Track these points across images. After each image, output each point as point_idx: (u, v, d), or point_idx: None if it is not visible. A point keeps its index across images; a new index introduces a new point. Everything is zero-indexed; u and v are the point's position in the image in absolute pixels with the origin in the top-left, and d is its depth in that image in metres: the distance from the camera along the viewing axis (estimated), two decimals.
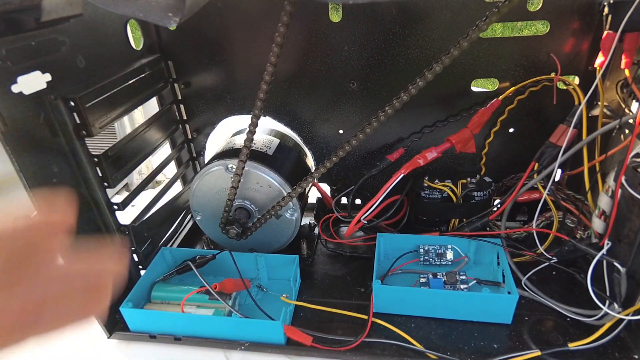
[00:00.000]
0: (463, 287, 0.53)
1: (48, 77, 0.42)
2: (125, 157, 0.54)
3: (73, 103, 0.43)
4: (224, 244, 0.63)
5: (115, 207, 0.52)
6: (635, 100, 0.49)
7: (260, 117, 0.48)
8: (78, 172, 0.47)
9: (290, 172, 0.59)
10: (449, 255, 0.57)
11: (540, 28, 0.51)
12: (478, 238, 0.56)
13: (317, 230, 0.68)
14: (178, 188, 0.72)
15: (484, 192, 0.58)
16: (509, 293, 0.49)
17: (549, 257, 0.52)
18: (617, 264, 0.43)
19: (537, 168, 0.54)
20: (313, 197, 0.72)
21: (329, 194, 0.71)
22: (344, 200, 0.71)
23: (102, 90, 0.48)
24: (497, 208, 0.58)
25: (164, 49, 0.62)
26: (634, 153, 0.43)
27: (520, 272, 0.55)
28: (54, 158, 0.44)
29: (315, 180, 0.68)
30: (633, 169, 0.43)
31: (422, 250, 0.58)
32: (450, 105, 0.59)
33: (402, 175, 0.55)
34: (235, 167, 0.52)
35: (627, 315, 0.43)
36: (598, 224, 0.48)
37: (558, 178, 0.62)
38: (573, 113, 0.51)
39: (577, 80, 0.55)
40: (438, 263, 0.58)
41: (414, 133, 0.62)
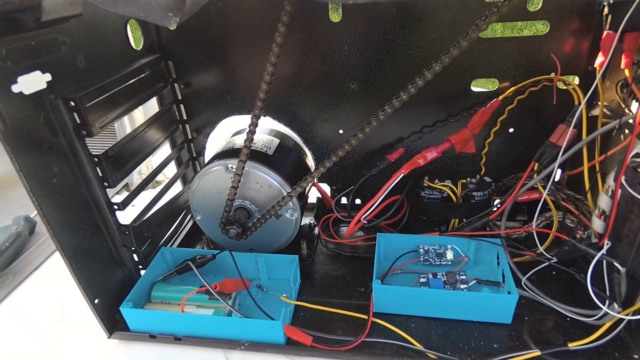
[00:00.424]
0: (463, 287, 0.53)
1: (48, 77, 0.42)
2: (126, 157, 0.54)
3: (73, 103, 0.43)
4: (224, 244, 0.63)
5: (116, 207, 0.52)
6: (635, 100, 0.49)
7: (260, 117, 0.48)
8: (78, 172, 0.47)
9: (290, 172, 0.59)
10: (449, 255, 0.57)
11: (540, 28, 0.51)
12: (478, 238, 0.56)
13: (317, 230, 0.68)
14: (178, 188, 0.72)
15: (484, 192, 0.58)
16: (509, 293, 0.49)
17: (549, 257, 0.52)
18: (617, 264, 0.43)
19: (537, 168, 0.54)
20: (313, 197, 0.72)
21: (329, 194, 0.71)
22: (344, 200, 0.71)
23: (102, 90, 0.48)
24: (497, 208, 0.58)
25: (164, 49, 0.62)
26: (634, 153, 0.43)
27: (520, 272, 0.55)
28: (54, 158, 0.44)
29: (315, 180, 0.68)
30: (633, 169, 0.43)
31: (422, 250, 0.58)
32: (450, 105, 0.59)
33: (402, 175, 0.55)
34: (236, 167, 0.52)
35: (627, 315, 0.43)
36: (598, 224, 0.48)
37: (558, 178, 0.62)
38: (573, 113, 0.51)
39: (577, 80, 0.55)
40: (438, 263, 0.58)
41: (414, 133, 0.62)
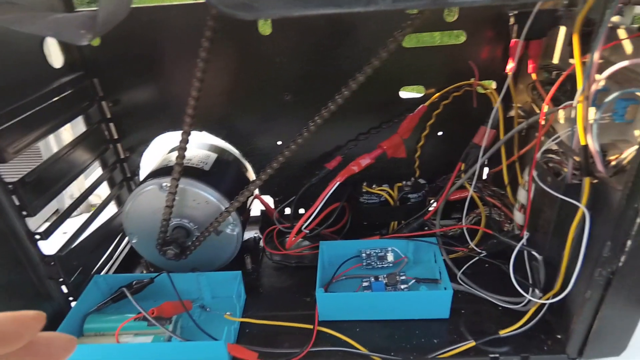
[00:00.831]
0: (403, 287, 0.55)
1: None
2: (48, 181, 0.51)
3: None
4: (164, 266, 0.61)
5: (38, 236, 0.48)
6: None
7: (191, 133, 0.47)
8: None
9: (230, 186, 0.58)
10: (390, 257, 0.59)
11: (459, 37, 0.55)
12: (415, 238, 0.58)
13: (262, 243, 0.67)
14: (113, 210, 0.68)
15: (419, 193, 0.61)
16: (445, 289, 0.51)
17: (479, 251, 0.55)
18: (534, 253, 0.47)
19: (463, 168, 0.57)
20: (258, 210, 0.72)
21: (272, 206, 0.71)
22: (288, 211, 0.71)
23: (15, 113, 0.45)
24: (432, 208, 0.61)
25: (89, 66, 0.59)
26: (544, 149, 0.48)
27: (457, 267, 0.58)
28: None
29: (258, 192, 0.68)
30: (544, 164, 0.47)
31: (364, 255, 0.59)
32: (382, 112, 0.62)
33: (337, 184, 0.56)
34: (169, 185, 0.51)
35: (547, 300, 0.46)
36: (519, 217, 0.52)
37: (485, 176, 0.66)
38: (491, 115, 0.55)
39: (494, 85, 0.59)
40: (380, 266, 0.59)
41: (350, 140, 0.64)
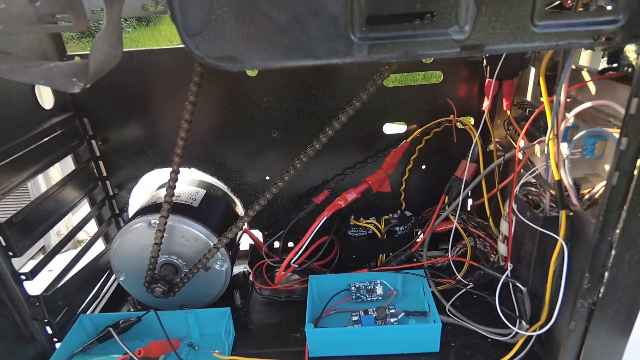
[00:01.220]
0: (393, 320, 0.55)
1: None
2: (36, 221, 0.51)
3: None
4: (152, 304, 0.60)
5: (23, 277, 0.48)
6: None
7: (179, 172, 0.48)
8: None
9: (219, 222, 0.59)
10: (379, 290, 0.59)
11: (436, 77, 0.58)
12: (403, 271, 0.58)
13: (251, 278, 0.67)
14: (101, 247, 0.68)
15: (405, 226, 0.62)
16: (435, 322, 0.51)
17: (466, 283, 0.56)
18: (519, 284, 0.48)
19: (447, 201, 0.59)
20: (247, 244, 0.72)
21: (261, 240, 0.71)
22: (278, 245, 0.72)
23: (4, 155, 0.45)
24: (419, 240, 0.62)
25: (79, 106, 0.60)
26: (522, 182, 0.49)
27: (445, 299, 0.58)
28: None
29: (247, 227, 0.68)
30: (524, 196, 0.49)
31: (353, 288, 0.60)
32: (367, 147, 0.64)
33: (325, 218, 0.57)
34: (158, 222, 0.51)
35: (534, 332, 0.47)
36: (502, 248, 0.53)
37: (469, 208, 0.68)
38: (470, 149, 0.57)
39: (472, 121, 0.62)
40: (369, 299, 0.59)
41: (337, 175, 0.66)
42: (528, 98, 0.54)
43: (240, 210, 0.68)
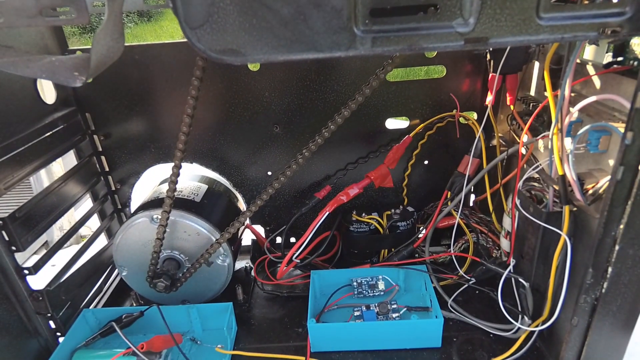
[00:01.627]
0: (395, 315, 0.55)
1: None
2: (38, 215, 0.51)
3: None
4: (155, 299, 0.60)
5: (26, 271, 0.48)
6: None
7: (181, 167, 0.48)
8: None
9: (221, 217, 0.59)
10: (381, 286, 0.59)
11: (439, 71, 0.58)
12: (405, 266, 0.58)
13: (253, 273, 0.67)
14: (103, 242, 0.68)
15: (407, 221, 0.62)
16: (437, 317, 0.51)
17: (468, 278, 0.56)
18: (521, 280, 0.47)
19: (450, 196, 0.59)
20: (249, 239, 0.72)
21: (263, 235, 0.71)
22: (280, 240, 0.72)
23: (6, 149, 0.45)
24: (421, 235, 0.62)
25: (81, 101, 0.60)
26: (525, 177, 0.49)
27: (447, 294, 0.58)
28: None
29: (249, 222, 0.68)
30: (526, 192, 0.49)
31: (355, 284, 0.60)
32: (370, 142, 0.64)
33: (327, 213, 0.57)
34: (160, 217, 0.51)
35: (536, 327, 0.47)
36: (505, 243, 0.53)
37: (472, 203, 0.68)
38: (474, 145, 0.57)
39: (475, 116, 0.61)
40: (371, 294, 0.59)
41: (339, 170, 0.65)
42: (532, 92, 0.54)
43: (243, 206, 0.68)
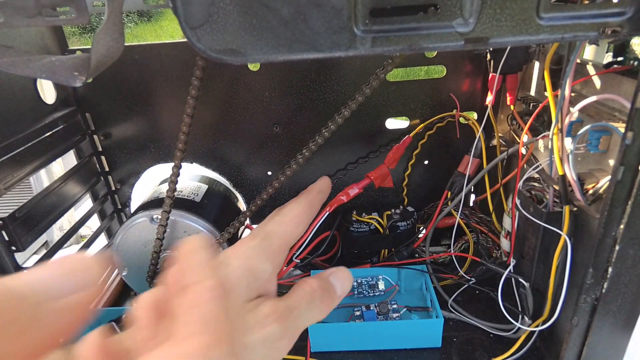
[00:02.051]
0: (395, 315, 0.55)
1: None
2: (38, 215, 0.51)
3: None
4: None
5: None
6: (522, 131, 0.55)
7: (181, 167, 0.48)
8: None
9: (221, 217, 0.59)
10: (381, 286, 0.59)
11: (439, 71, 0.58)
12: (405, 266, 0.58)
13: None
14: (103, 242, 0.68)
15: (408, 221, 0.61)
16: (437, 317, 0.51)
17: (468, 278, 0.56)
18: (522, 280, 0.47)
19: (450, 196, 0.59)
20: None
21: None
22: None
23: (6, 149, 0.45)
24: (421, 235, 0.62)
25: (81, 101, 0.60)
26: (525, 177, 0.49)
27: (447, 294, 0.58)
28: None
29: (249, 222, 0.68)
30: (527, 192, 0.49)
31: (355, 283, 0.60)
32: (370, 143, 0.64)
33: (327, 213, 0.57)
34: (160, 217, 0.51)
35: (536, 327, 0.47)
36: (505, 244, 0.53)
37: (472, 203, 0.68)
38: (474, 145, 0.57)
39: (475, 116, 0.61)
40: (371, 294, 0.59)
41: (340, 170, 0.65)
42: (532, 92, 0.54)
43: (242, 206, 0.68)
